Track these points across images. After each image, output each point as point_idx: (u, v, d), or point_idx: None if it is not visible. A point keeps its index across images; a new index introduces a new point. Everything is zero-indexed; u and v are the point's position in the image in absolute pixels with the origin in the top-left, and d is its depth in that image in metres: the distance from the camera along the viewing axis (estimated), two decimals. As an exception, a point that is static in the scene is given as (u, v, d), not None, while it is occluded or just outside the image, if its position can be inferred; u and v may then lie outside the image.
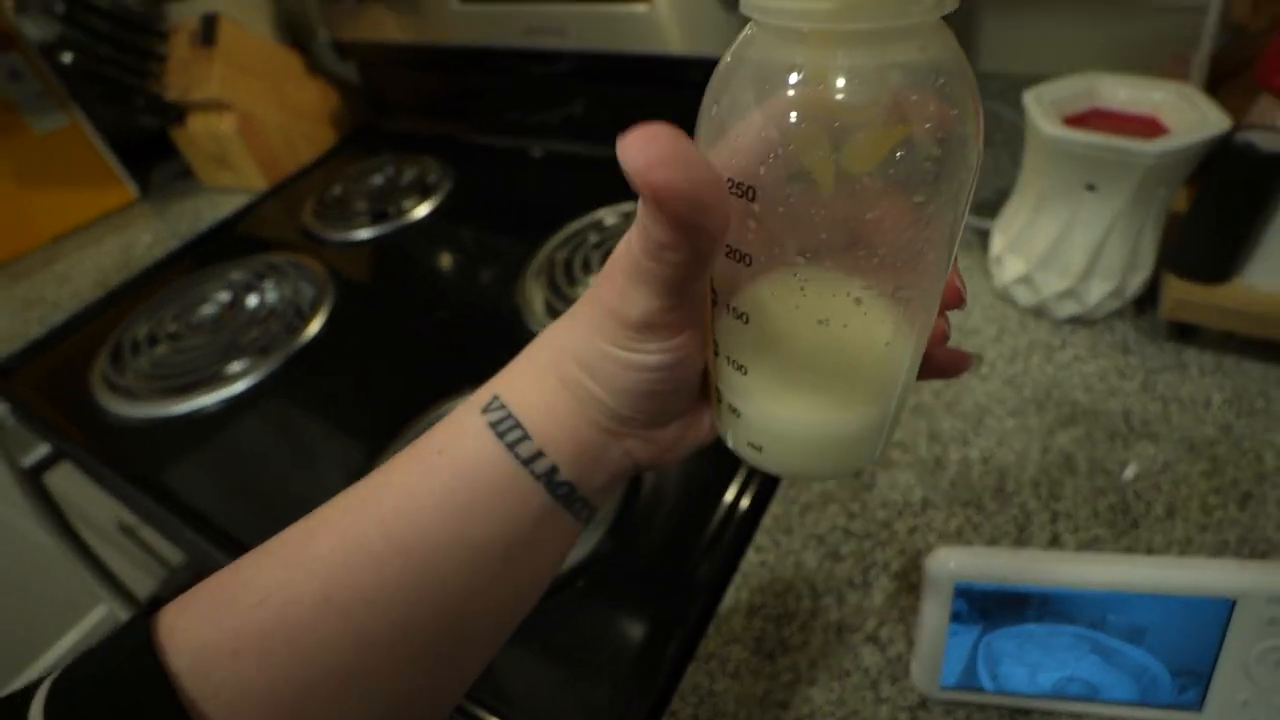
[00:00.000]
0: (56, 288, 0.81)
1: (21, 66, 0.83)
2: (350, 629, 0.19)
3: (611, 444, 0.22)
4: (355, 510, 0.21)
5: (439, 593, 0.20)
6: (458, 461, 0.21)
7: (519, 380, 0.22)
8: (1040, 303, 0.52)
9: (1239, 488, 0.42)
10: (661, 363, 0.20)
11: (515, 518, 0.21)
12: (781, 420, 0.21)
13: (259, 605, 0.19)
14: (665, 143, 0.14)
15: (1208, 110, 0.44)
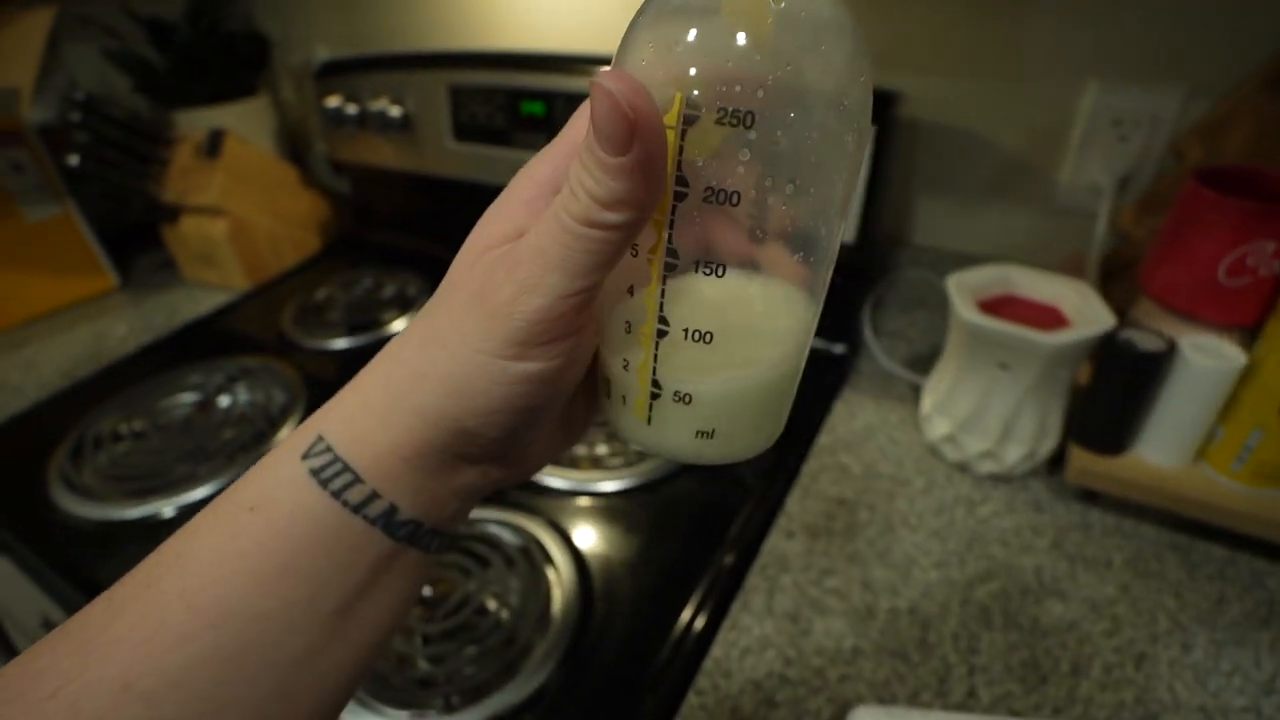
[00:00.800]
0: (21, 374, 0.81)
1: (25, 161, 0.86)
2: (153, 717, 0.17)
3: (467, 469, 0.21)
4: (157, 581, 0.18)
5: (260, 665, 0.18)
6: (274, 518, 0.19)
7: (350, 412, 0.20)
8: (964, 460, 0.57)
9: (1135, 648, 0.46)
10: (546, 371, 0.19)
11: (348, 569, 0.19)
12: (734, 383, 0.21)
13: (50, 698, 0.17)
14: (635, 82, 0.15)
15: (1098, 308, 0.52)
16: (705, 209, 0.18)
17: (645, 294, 0.19)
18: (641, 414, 0.21)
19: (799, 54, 0.17)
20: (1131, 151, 0.59)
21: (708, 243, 0.19)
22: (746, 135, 0.17)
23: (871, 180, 0.62)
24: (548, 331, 0.18)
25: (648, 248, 0.19)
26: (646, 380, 0.21)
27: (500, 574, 0.52)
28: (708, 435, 0.21)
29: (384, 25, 0.94)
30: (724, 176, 0.17)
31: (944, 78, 0.64)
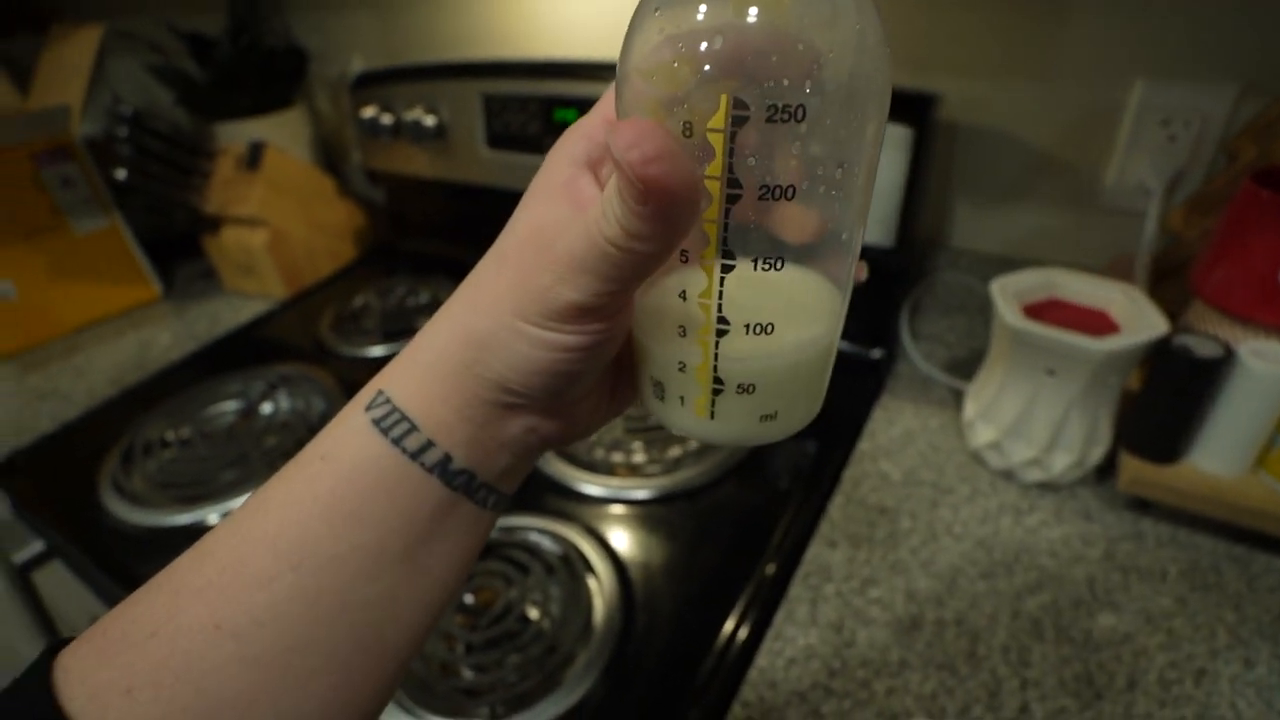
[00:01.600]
0: (71, 381, 0.84)
1: (75, 175, 0.89)
2: (244, 654, 0.18)
3: (511, 421, 0.21)
4: (240, 530, 0.20)
5: (336, 605, 0.19)
6: (342, 465, 0.20)
7: (407, 369, 0.21)
8: (1009, 468, 0.56)
9: (1194, 663, 0.44)
10: (581, 343, 0.19)
11: (410, 517, 0.20)
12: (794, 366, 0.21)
13: (150, 639, 0.18)
14: (659, 140, 0.15)
15: (1150, 312, 0.50)
16: (759, 206, 0.18)
17: (700, 298, 0.20)
18: (704, 411, 0.22)
19: (835, 41, 0.17)
20: (1181, 151, 0.57)
21: (763, 238, 0.19)
22: (797, 129, 0.17)
23: (910, 183, 0.61)
24: (579, 316, 0.19)
25: (699, 253, 0.19)
26: (708, 379, 0.21)
27: (540, 581, 0.52)
28: (770, 418, 0.22)
29: (418, 36, 0.95)
30: (777, 172, 0.17)
31: (984, 79, 0.63)
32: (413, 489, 0.20)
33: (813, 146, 0.17)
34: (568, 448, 0.64)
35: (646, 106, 0.18)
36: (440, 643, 0.49)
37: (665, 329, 0.21)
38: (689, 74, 0.17)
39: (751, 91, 0.16)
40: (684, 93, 0.17)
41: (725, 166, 0.17)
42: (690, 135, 0.17)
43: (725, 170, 0.17)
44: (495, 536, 0.56)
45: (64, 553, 0.65)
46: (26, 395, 0.82)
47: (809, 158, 0.17)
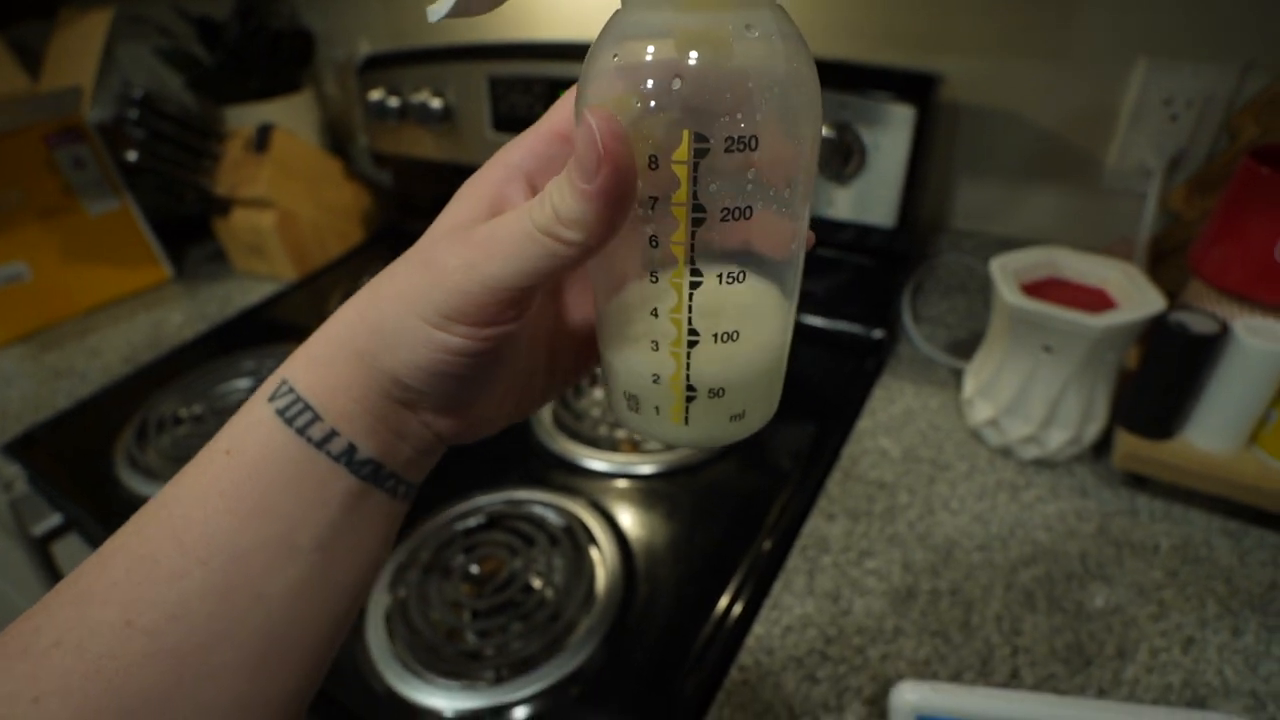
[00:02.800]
0: (87, 360, 0.85)
1: (87, 157, 0.90)
2: (159, 649, 0.18)
3: (409, 416, 0.22)
4: (147, 527, 0.20)
5: (248, 598, 0.19)
6: (246, 458, 0.20)
7: (310, 359, 0.21)
8: (1006, 445, 0.57)
9: (1183, 631, 0.45)
10: (469, 348, 0.20)
11: (319, 506, 0.20)
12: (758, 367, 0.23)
13: (54, 646, 0.18)
14: (617, 126, 0.17)
15: (1147, 290, 0.51)
16: (721, 227, 0.19)
17: (671, 313, 0.21)
18: (679, 418, 0.23)
19: (776, 74, 0.19)
20: (1183, 131, 0.57)
21: (726, 254, 0.20)
22: (751, 156, 0.18)
23: (912, 164, 0.61)
24: (475, 315, 0.19)
25: (669, 273, 0.20)
26: (681, 388, 0.22)
27: (545, 552, 0.53)
28: (739, 417, 0.24)
29: (423, 19, 0.96)
30: (735, 196, 0.19)
31: (986, 59, 0.63)
32: (319, 479, 0.20)
33: (765, 170, 0.19)
34: (575, 422, 0.65)
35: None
36: (447, 610, 0.50)
37: (639, 345, 0.22)
38: (650, 116, 0.18)
39: (710, 126, 0.18)
40: (645, 131, 0.18)
41: (690, 194, 0.19)
42: (656, 168, 0.19)
43: (690, 197, 0.19)
44: (501, 509, 0.57)
45: (81, 524, 0.66)
46: (43, 374, 0.83)
47: (762, 180, 0.19)
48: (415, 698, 0.45)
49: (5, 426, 0.75)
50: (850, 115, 0.62)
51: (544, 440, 0.64)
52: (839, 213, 0.67)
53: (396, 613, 0.50)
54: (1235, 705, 0.41)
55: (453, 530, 0.56)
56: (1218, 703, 0.41)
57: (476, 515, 0.57)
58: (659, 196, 0.19)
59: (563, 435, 0.64)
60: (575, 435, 0.64)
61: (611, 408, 0.26)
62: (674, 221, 0.19)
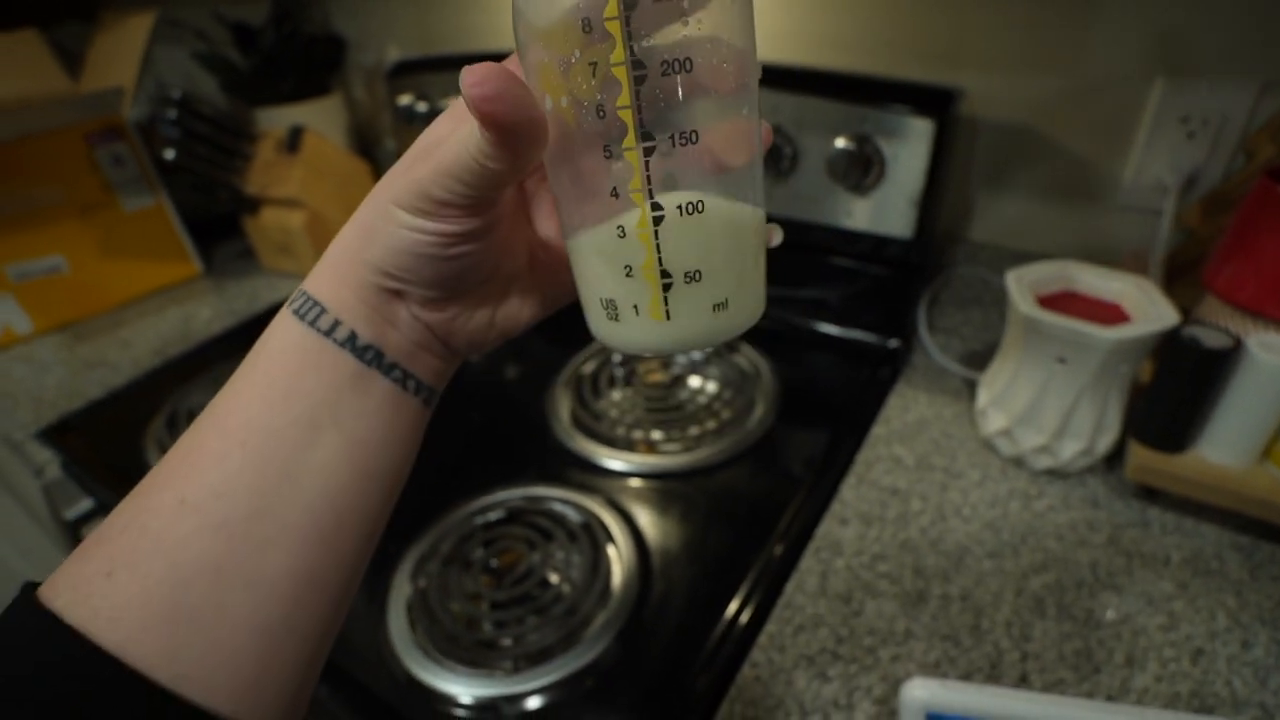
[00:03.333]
0: (119, 352, 0.88)
1: (125, 154, 0.93)
2: (208, 522, 0.21)
3: (398, 305, 0.24)
4: (198, 425, 0.23)
5: (281, 473, 0.22)
6: (272, 353, 0.23)
7: (321, 266, 0.24)
8: (1019, 454, 0.58)
9: (1192, 643, 0.46)
10: (443, 229, 0.22)
11: (331, 385, 0.23)
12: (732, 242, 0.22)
13: (124, 530, 0.21)
14: (498, 81, 0.18)
15: (1161, 304, 0.52)
16: (664, 82, 0.19)
17: (631, 188, 0.20)
18: (659, 313, 0.22)
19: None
20: (1199, 149, 0.58)
21: (676, 115, 0.20)
22: (681, 4, 0.19)
23: (930, 177, 0.63)
24: (433, 203, 0.21)
25: (621, 142, 0.20)
26: (655, 274, 0.21)
27: (563, 548, 0.55)
28: (723, 306, 0.22)
29: (453, 26, 0.98)
30: (673, 47, 0.19)
31: (1006, 76, 0.64)
32: (331, 363, 0.23)
33: (697, 21, 0.19)
34: (594, 422, 0.67)
35: (524, 25, 0.20)
36: (467, 600, 0.52)
37: (606, 238, 0.22)
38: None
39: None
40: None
41: (627, 51, 0.19)
42: (589, 31, 0.19)
43: (628, 55, 0.19)
44: (520, 504, 0.59)
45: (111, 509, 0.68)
46: (77, 365, 0.86)
47: (697, 32, 0.19)
48: (434, 684, 0.46)
49: (40, 413, 0.77)
50: (870, 127, 0.63)
51: (563, 439, 0.66)
52: (857, 223, 0.68)
53: (417, 602, 0.52)
54: (1244, 717, 0.42)
55: (473, 524, 0.57)
56: (1226, 713, 0.42)
57: (496, 510, 0.58)
58: (597, 61, 0.19)
59: (581, 434, 0.66)
60: (593, 435, 0.66)
61: (592, 328, 0.25)
62: (616, 84, 0.19)
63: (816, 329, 0.76)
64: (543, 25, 0.20)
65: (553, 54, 0.20)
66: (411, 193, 0.21)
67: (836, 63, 0.72)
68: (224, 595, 0.21)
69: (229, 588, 0.21)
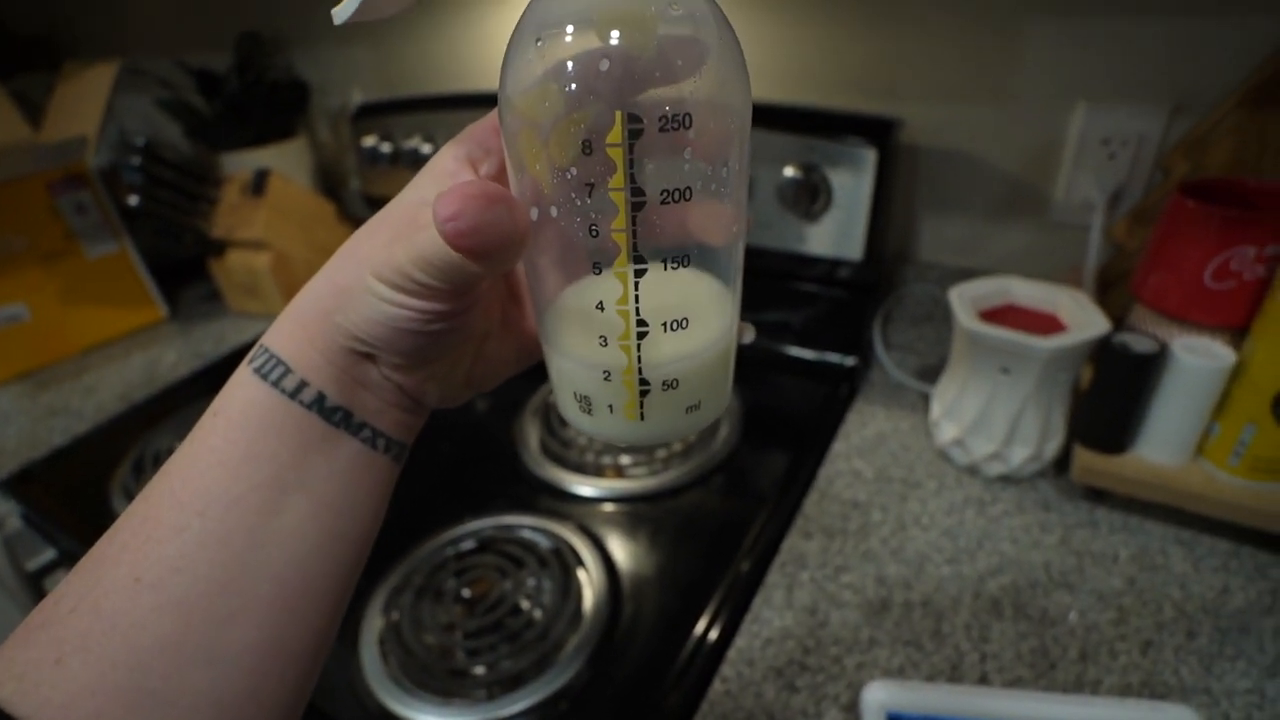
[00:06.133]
0: (81, 399, 0.87)
1: (88, 202, 0.93)
2: (165, 600, 0.19)
3: (369, 368, 0.23)
4: (148, 495, 0.21)
5: (247, 543, 0.21)
6: (232, 415, 0.22)
7: (284, 322, 0.23)
8: (972, 463, 0.60)
9: (1141, 635, 0.48)
10: (418, 307, 0.21)
11: (298, 449, 0.22)
12: (708, 354, 0.23)
13: (72, 612, 0.19)
14: (472, 217, 0.18)
15: (1094, 314, 0.55)
16: (662, 210, 0.19)
17: (617, 304, 0.21)
18: (633, 415, 0.23)
19: (705, 51, 0.19)
20: (1120, 168, 0.62)
21: (668, 240, 0.20)
22: (687, 135, 0.18)
23: (875, 201, 0.66)
24: (428, 285, 0.21)
25: (612, 262, 0.20)
26: (634, 383, 0.22)
27: (534, 574, 0.55)
28: (695, 408, 0.23)
29: (415, 69, 1.01)
30: (674, 177, 0.19)
31: (941, 105, 0.68)
32: (296, 425, 0.22)
33: (700, 149, 0.19)
34: (562, 449, 0.68)
35: (525, 134, 0.19)
36: (440, 631, 0.52)
37: (586, 343, 0.22)
38: (579, 100, 0.18)
39: (642, 106, 0.18)
40: (568, 115, 0.18)
41: (627, 177, 0.19)
42: (590, 153, 0.18)
43: (628, 180, 0.19)
44: (491, 533, 0.59)
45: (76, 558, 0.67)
46: (39, 412, 0.85)
47: (698, 159, 0.19)
48: (409, 716, 0.46)
49: (1, 464, 0.76)
50: (817, 157, 0.66)
51: (532, 467, 0.67)
52: (810, 248, 0.71)
53: (390, 635, 0.52)
54: (1191, 702, 0.43)
55: (445, 554, 0.58)
56: (1175, 700, 0.44)
57: (468, 540, 0.59)
58: (595, 183, 0.19)
59: (550, 462, 0.67)
60: (562, 462, 0.67)
61: (561, 411, 0.25)
62: (613, 207, 0.19)
63: (776, 350, 0.79)
64: (540, 127, 0.19)
65: (546, 163, 0.19)
66: (391, 268, 0.20)
67: (783, 96, 0.75)
68: (186, 675, 0.20)
69: (191, 666, 0.20)
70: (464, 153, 0.24)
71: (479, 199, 0.18)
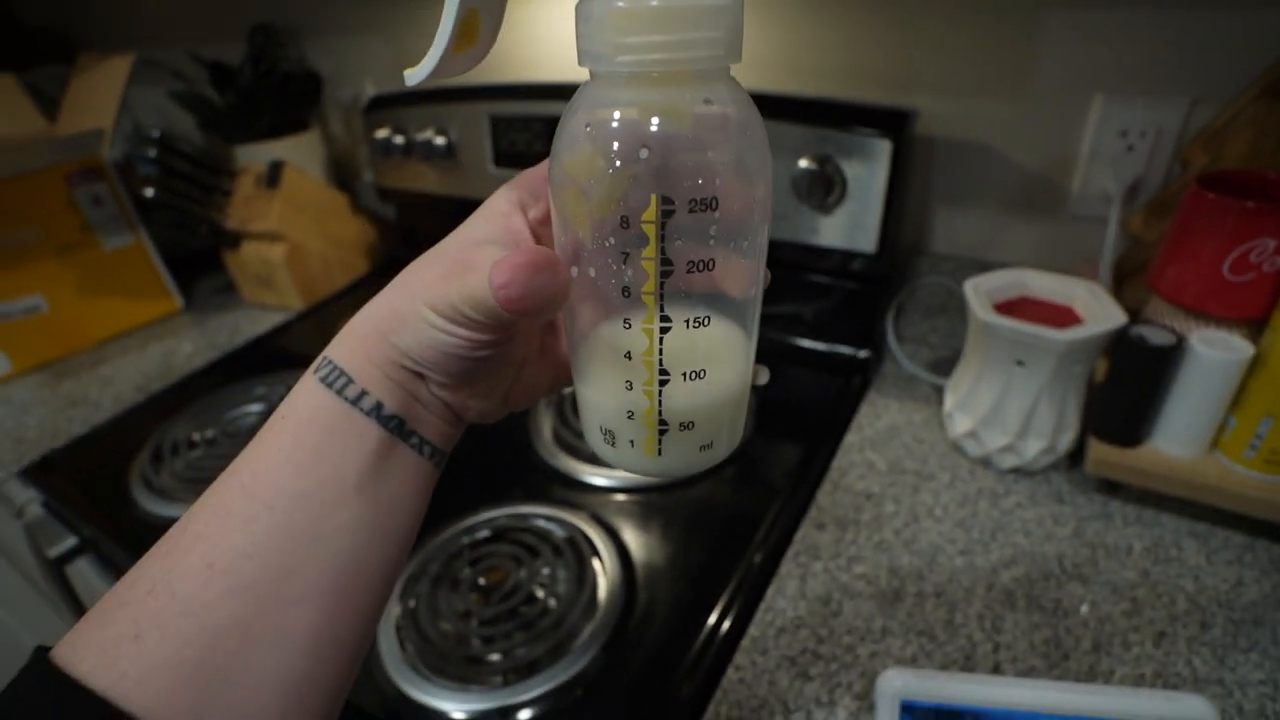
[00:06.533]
0: (99, 389, 0.88)
1: (104, 194, 0.94)
2: (235, 585, 0.21)
3: (420, 385, 0.26)
4: (220, 491, 0.24)
5: (311, 534, 0.23)
6: (299, 418, 0.24)
7: (346, 337, 0.25)
8: (986, 455, 0.60)
9: (1154, 627, 0.48)
10: (467, 338, 0.23)
11: (358, 452, 0.24)
12: (724, 399, 0.25)
13: (149, 593, 0.21)
14: (523, 284, 0.20)
15: (1110, 306, 0.54)
16: (687, 278, 0.22)
17: (643, 356, 0.23)
18: (652, 450, 0.25)
19: (733, 140, 0.21)
20: (1139, 160, 0.62)
21: (691, 301, 0.23)
22: (713, 215, 0.21)
23: (890, 193, 0.66)
24: (470, 325, 0.23)
25: (641, 320, 0.23)
26: (654, 423, 0.25)
27: (548, 563, 0.56)
28: (708, 447, 0.26)
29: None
30: (699, 251, 0.22)
31: (958, 97, 0.68)
32: (357, 430, 0.24)
33: (725, 225, 0.21)
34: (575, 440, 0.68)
35: (572, 191, 0.22)
36: (455, 618, 0.52)
37: (613, 385, 0.24)
38: (620, 182, 0.21)
39: (675, 190, 0.20)
40: (615, 195, 0.21)
41: (659, 250, 0.21)
42: (627, 228, 0.21)
43: (659, 253, 0.21)
44: (506, 523, 0.60)
45: (97, 546, 0.68)
46: (58, 403, 0.86)
47: (722, 234, 0.22)
48: (426, 701, 0.47)
49: (22, 453, 0.77)
50: (831, 149, 0.66)
51: (546, 457, 0.67)
52: (824, 240, 0.71)
53: (407, 622, 0.52)
54: (1205, 693, 0.44)
55: (460, 543, 0.58)
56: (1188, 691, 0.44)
57: (483, 529, 0.59)
58: (630, 252, 0.21)
59: (564, 452, 0.67)
60: (575, 452, 0.67)
61: (587, 439, 0.28)
62: (644, 274, 0.22)
63: (790, 343, 0.79)
64: (585, 191, 0.21)
65: (588, 225, 0.22)
66: (445, 302, 0.22)
67: (798, 88, 0.75)
68: (251, 654, 0.21)
69: (256, 646, 0.21)
70: (516, 197, 0.26)
71: (527, 268, 0.21)
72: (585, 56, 0.21)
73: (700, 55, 0.20)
